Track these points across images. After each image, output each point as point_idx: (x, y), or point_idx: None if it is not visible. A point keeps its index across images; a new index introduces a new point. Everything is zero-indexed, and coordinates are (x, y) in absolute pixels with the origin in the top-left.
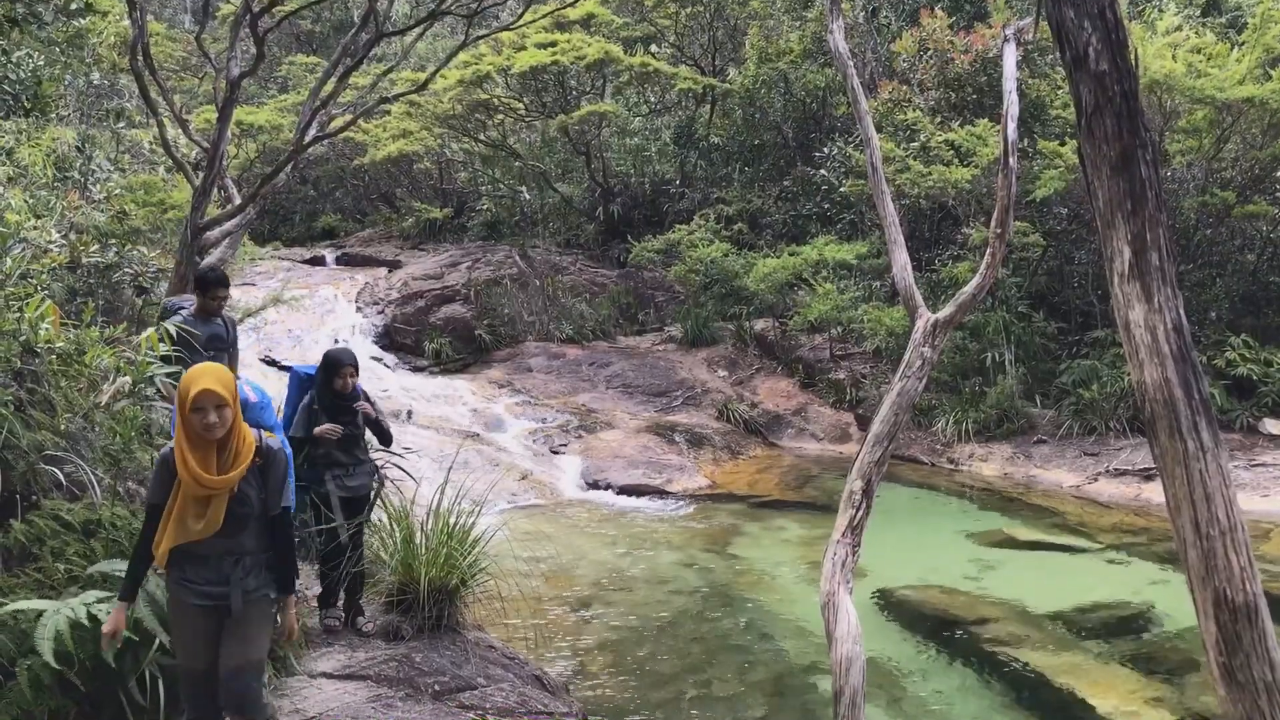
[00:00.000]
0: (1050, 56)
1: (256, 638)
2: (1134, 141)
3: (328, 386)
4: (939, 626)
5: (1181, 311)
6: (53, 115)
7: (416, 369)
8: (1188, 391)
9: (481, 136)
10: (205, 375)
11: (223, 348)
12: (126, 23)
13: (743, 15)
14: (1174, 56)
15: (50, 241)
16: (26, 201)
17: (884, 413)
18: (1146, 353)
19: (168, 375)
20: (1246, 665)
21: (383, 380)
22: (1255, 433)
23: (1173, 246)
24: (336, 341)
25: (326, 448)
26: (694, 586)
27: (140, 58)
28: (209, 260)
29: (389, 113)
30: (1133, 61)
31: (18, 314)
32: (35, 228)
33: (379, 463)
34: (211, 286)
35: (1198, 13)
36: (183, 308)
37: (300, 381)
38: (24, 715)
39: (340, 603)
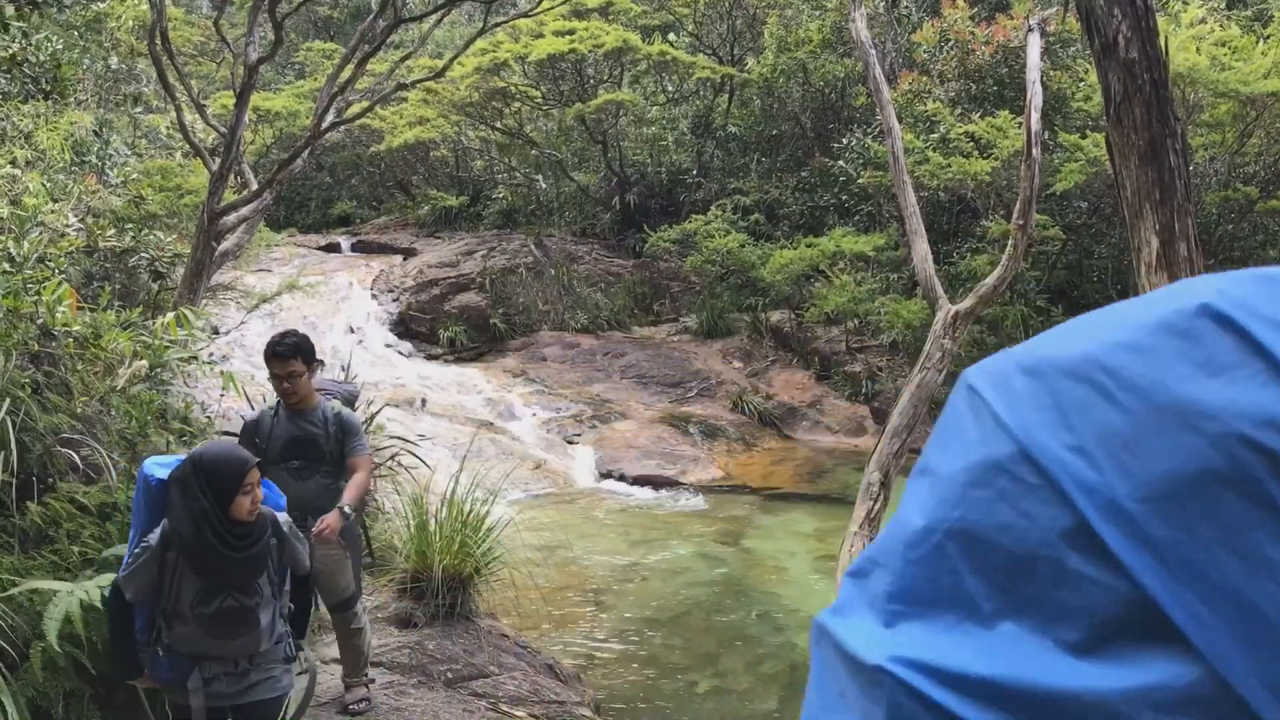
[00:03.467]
0: (1073, 48)
1: None
2: (1163, 130)
3: (205, 512)
4: None
5: None
6: (71, 99)
7: (431, 357)
8: None
9: (498, 124)
10: None
11: (315, 456)
12: (145, 7)
13: (762, 4)
14: (1198, 49)
15: (68, 225)
16: (44, 185)
17: (903, 405)
18: None
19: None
20: None
21: (396, 368)
22: None
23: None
24: (352, 330)
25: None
26: (707, 578)
27: (159, 42)
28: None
29: (406, 100)
30: (1163, 50)
31: (35, 297)
32: (53, 211)
33: (393, 450)
34: (268, 362)
35: (1223, 5)
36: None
37: (150, 495)
38: (39, 696)
39: None
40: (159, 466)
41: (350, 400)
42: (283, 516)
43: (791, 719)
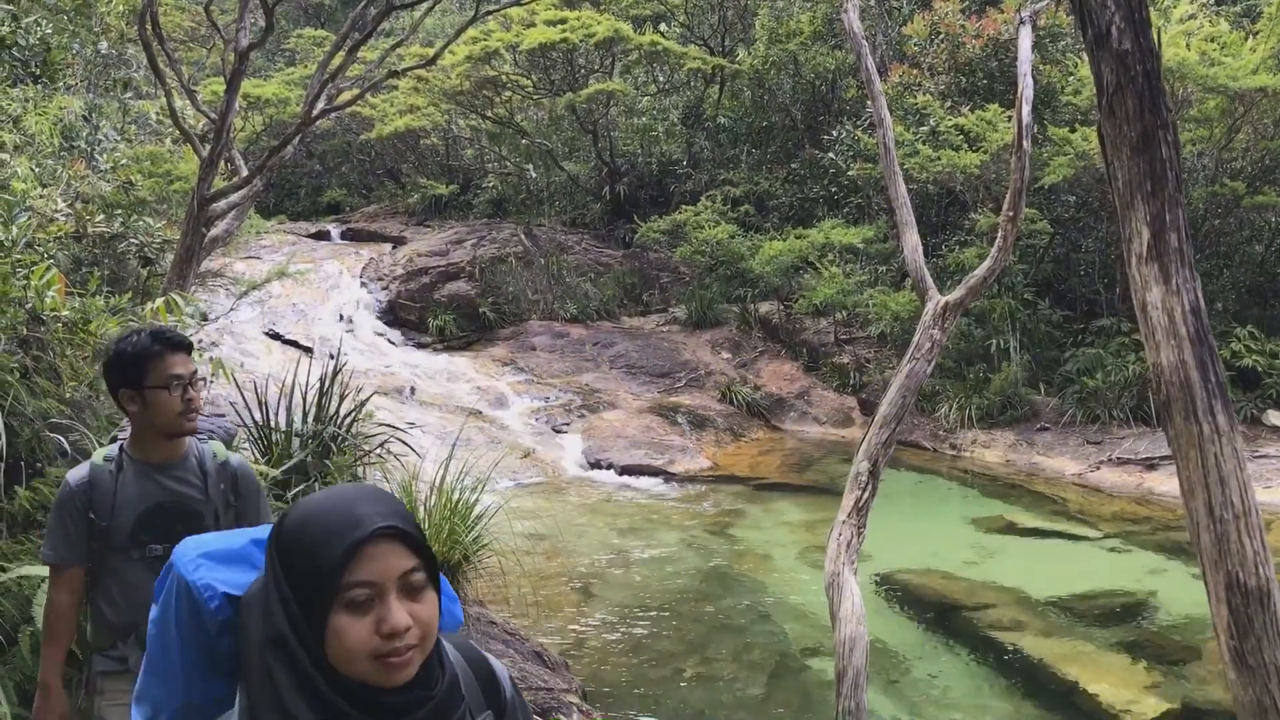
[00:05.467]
0: (1063, 42)
1: None
2: (1155, 121)
3: (285, 643)
4: (939, 611)
5: (1199, 294)
6: (60, 84)
7: (420, 345)
8: (1204, 374)
9: (489, 113)
10: None
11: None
12: None
13: None
14: (1187, 44)
15: (56, 210)
16: (33, 170)
17: (892, 395)
18: (1163, 335)
19: None
20: (1258, 649)
21: (386, 356)
22: (1259, 424)
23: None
24: (341, 318)
25: None
26: (694, 567)
27: (149, 27)
28: (146, 328)
29: (396, 88)
30: (1156, 41)
31: (24, 282)
32: (42, 196)
33: (382, 438)
34: (153, 361)
35: (1212, 1)
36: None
37: (201, 629)
38: (26, 680)
39: None
40: (212, 564)
41: (228, 442)
42: (501, 672)
43: (778, 706)
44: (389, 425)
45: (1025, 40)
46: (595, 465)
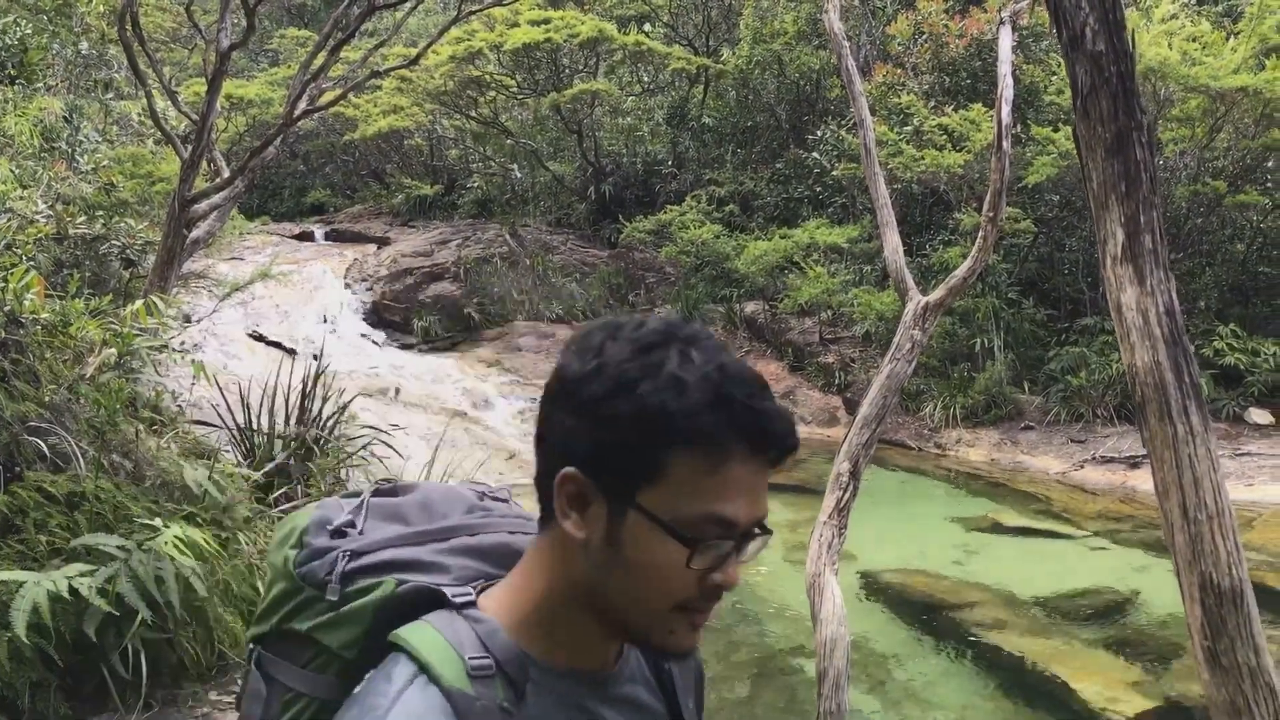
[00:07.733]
0: (1045, 42)
1: None
2: (1129, 123)
3: None
4: (923, 610)
5: (1174, 295)
6: (40, 84)
7: (405, 346)
8: (1179, 375)
9: (473, 113)
10: None
11: None
12: None
13: None
14: (1169, 44)
15: (36, 212)
16: (13, 171)
17: (873, 395)
18: (1138, 336)
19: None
20: (1231, 650)
21: (370, 357)
22: (1241, 422)
23: (1165, 232)
24: (325, 319)
25: None
26: None
27: (129, 27)
28: None
29: (380, 88)
30: (1130, 43)
31: (2, 284)
32: (21, 198)
33: (366, 440)
34: (665, 438)
35: (1194, 1)
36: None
37: None
38: (5, 687)
39: None
40: None
41: None
42: None
43: (762, 706)
44: (373, 427)
45: (1005, 40)
46: None
